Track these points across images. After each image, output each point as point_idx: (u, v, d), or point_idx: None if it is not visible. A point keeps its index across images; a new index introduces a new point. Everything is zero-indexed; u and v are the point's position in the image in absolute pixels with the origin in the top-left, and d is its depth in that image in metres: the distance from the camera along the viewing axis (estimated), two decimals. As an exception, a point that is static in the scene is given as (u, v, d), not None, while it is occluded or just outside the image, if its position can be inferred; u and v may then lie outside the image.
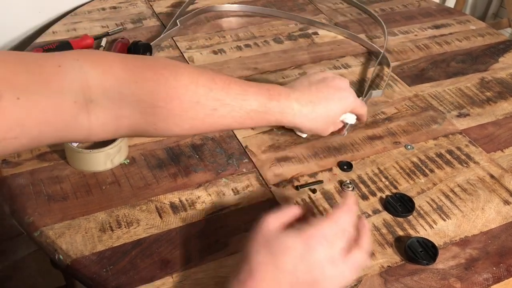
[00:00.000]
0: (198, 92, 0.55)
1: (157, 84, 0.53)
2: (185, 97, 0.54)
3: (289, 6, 1.19)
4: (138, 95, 0.52)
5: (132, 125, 0.54)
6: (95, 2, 1.16)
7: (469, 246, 0.63)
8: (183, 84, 0.55)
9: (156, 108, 0.53)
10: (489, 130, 0.83)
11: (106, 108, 0.51)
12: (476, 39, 1.10)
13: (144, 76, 0.53)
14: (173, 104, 0.54)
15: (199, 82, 0.56)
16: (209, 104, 0.56)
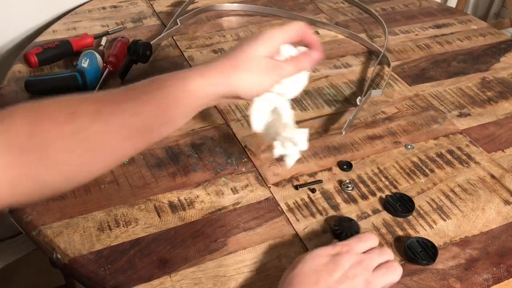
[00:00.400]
0: (71, 104, 0.48)
1: (26, 110, 0.47)
2: (58, 113, 0.47)
3: (290, 5, 1.19)
4: (11, 129, 0.45)
5: (16, 174, 0.44)
6: (95, 1, 1.16)
7: (469, 246, 0.63)
8: (53, 103, 0.48)
9: (33, 137, 0.45)
10: (490, 130, 0.83)
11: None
12: (478, 39, 1.10)
13: (14, 111, 0.46)
14: (46, 124, 0.46)
15: (72, 98, 0.49)
16: (89, 108, 0.48)
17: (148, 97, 0.50)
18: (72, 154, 0.47)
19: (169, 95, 0.50)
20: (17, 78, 0.88)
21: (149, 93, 0.50)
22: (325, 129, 0.81)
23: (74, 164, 0.47)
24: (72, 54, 0.93)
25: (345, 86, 0.92)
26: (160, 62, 0.95)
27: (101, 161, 0.50)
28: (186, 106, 0.52)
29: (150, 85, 0.51)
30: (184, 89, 0.51)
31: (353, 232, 0.62)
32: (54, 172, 0.47)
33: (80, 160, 0.47)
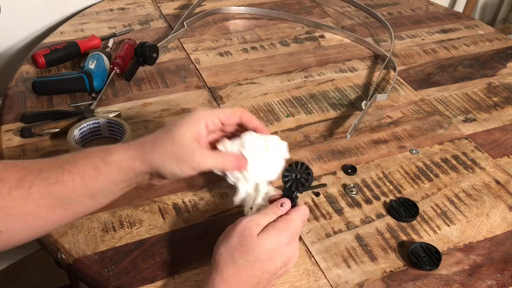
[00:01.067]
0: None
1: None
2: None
3: (296, 9, 1.19)
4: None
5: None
6: (103, 3, 1.16)
7: (473, 252, 0.63)
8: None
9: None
10: (496, 135, 0.82)
11: None
12: (484, 44, 1.10)
13: None
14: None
15: (0, 163, 0.49)
16: (13, 175, 0.47)
17: (71, 167, 0.49)
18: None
19: (91, 166, 0.50)
20: (25, 79, 0.89)
21: (73, 163, 0.50)
22: (330, 133, 0.81)
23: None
24: (79, 56, 0.94)
25: (350, 90, 0.92)
26: (167, 64, 0.95)
27: (20, 228, 0.48)
28: (108, 179, 0.51)
29: (76, 155, 0.51)
30: (106, 160, 0.50)
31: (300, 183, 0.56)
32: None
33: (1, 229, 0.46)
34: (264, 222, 0.52)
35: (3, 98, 0.85)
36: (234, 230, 0.51)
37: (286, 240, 0.51)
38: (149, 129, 0.79)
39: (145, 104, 0.84)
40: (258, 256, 0.49)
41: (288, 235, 0.51)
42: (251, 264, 0.49)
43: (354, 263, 0.60)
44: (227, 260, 0.50)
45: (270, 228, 0.51)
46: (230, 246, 0.50)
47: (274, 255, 0.50)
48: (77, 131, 0.73)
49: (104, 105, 0.83)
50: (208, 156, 0.53)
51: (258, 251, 0.49)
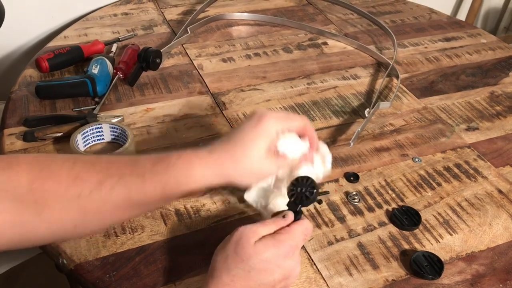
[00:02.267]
0: (75, 167, 0.49)
1: (29, 166, 0.48)
2: (61, 175, 0.48)
3: (299, 15, 1.20)
4: (13, 180, 0.46)
5: (16, 220, 0.46)
6: (107, 8, 1.17)
7: (475, 261, 0.62)
8: (58, 163, 0.49)
9: (33, 193, 0.46)
10: (498, 144, 0.82)
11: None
12: (487, 53, 1.10)
13: (17, 162, 0.48)
14: (48, 184, 0.47)
15: (77, 160, 0.50)
16: (92, 177, 0.49)
17: (153, 177, 0.50)
18: (67, 215, 0.48)
19: (172, 179, 0.51)
20: (28, 83, 0.89)
21: (155, 173, 0.51)
22: (332, 140, 0.81)
23: (67, 224, 0.49)
24: (82, 60, 0.94)
25: (353, 98, 0.92)
26: (170, 70, 0.96)
27: (94, 225, 0.51)
28: (185, 190, 0.53)
29: (157, 165, 0.51)
30: (187, 174, 0.52)
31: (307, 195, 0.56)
32: (46, 228, 0.48)
33: (73, 222, 0.49)
34: (262, 231, 0.51)
35: (6, 102, 0.85)
36: (231, 238, 0.50)
37: (285, 252, 0.50)
38: (152, 134, 0.79)
39: (148, 109, 0.84)
40: (254, 266, 0.48)
41: (288, 247, 0.50)
42: (246, 273, 0.48)
43: (356, 271, 0.60)
44: (222, 268, 0.49)
45: (269, 238, 0.50)
46: (226, 254, 0.49)
47: (271, 267, 0.49)
48: (80, 135, 0.73)
49: (107, 110, 0.83)
50: (278, 163, 0.56)
51: (253, 260, 0.48)
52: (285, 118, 0.57)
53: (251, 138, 0.55)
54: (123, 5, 1.19)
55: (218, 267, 0.49)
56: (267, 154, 0.55)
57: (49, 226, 0.48)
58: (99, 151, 0.75)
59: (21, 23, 1.16)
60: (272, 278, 0.49)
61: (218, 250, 0.51)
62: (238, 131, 0.56)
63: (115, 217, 0.53)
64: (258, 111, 0.57)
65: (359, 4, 1.28)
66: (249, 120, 0.56)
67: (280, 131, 0.56)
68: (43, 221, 0.47)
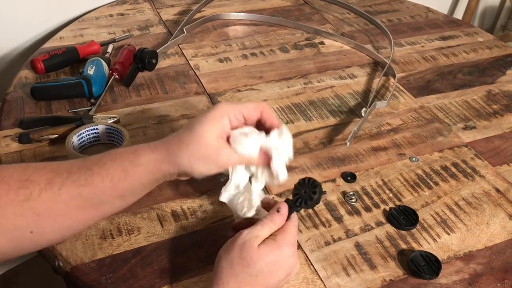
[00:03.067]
0: (26, 171, 0.49)
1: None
2: (11, 179, 0.47)
3: (296, 15, 1.20)
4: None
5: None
6: (103, 9, 1.16)
7: (473, 261, 0.62)
8: (9, 169, 0.49)
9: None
10: (495, 143, 0.82)
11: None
12: (484, 51, 1.10)
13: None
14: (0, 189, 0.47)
15: (29, 166, 0.50)
16: (42, 178, 0.48)
17: (100, 169, 0.50)
18: (21, 220, 0.47)
19: (119, 168, 0.50)
20: (24, 84, 0.88)
21: (102, 165, 0.50)
22: (329, 140, 0.80)
23: (22, 230, 0.48)
24: (78, 61, 0.94)
25: (350, 97, 0.91)
26: (166, 70, 0.95)
27: (50, 229, 0.49)
28: (136, 181, 0.51)
29: (104, 157, 0.51)
30: (134, 162, 0.51)
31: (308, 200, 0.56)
32: (3, 237, 0.47)
33: (29, 227, 0.48)
34: (263, 233, 0.51)
35: (1, 104, 0.84)
36: (234, 243, 0.50)
37: (289, 252, 0.51)
38: (148, 135, 0.78)
39: (144, 110, 0.84)
40: (260, 270, 0.49)
41: (290, 246, 0.51)
42: (253, 278, 0.49)
43: (354, 271, 0.60)
44: (228, 274, 0.49)
45: (271, 240, 0.51)
46: (231, 260, 0.49)
47: (276, 268, 0.50)
48: (76, 137, 0.73)
49: (103, 111, 0.83)
50: (234, 154, 0.54)
51: (260, 264, 0.49)
52: (239, 103, 0.56)
53: (200, 122, 0.53)
54: (119, 5, 1.18)
55: (223, 273, 0.49)
56: (219, 141, 0.53)
57: (6, 234, 0.47)
58: (95, 152, 0.74)
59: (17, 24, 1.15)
60: (277, 279, 0.50)
61: (222, 257, 0.51)
62: (191, 120, 0.55)
63: (71, 220, 0.51)
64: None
65: (355, 3, 1.28)
66: (203, 112, 0.55)
67: (234, 116, 0.54)
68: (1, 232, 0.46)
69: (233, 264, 0.49)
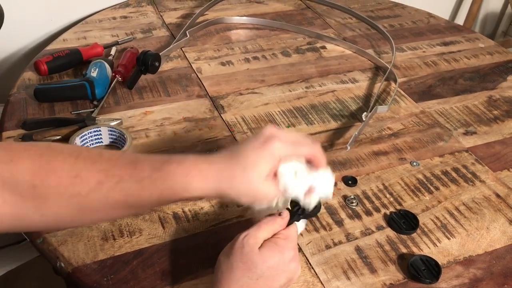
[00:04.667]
0: (77, 164, 0.49)
1: (32, 160, 0.48)
2: (62, 172, 0.48)
3: (298, 19, 1.20)
4: (14, 175, 0.47)
5: (15, 213, 0.47)
6: (106, 11, 1.17)
7: (473, 265, 0.63)
8: (60, 159, 0.49)
9: (34, 189, 0.47)
10: (496, 149, 0.83)
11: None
12: (485, 57, 1.10)
13: (19, 155, 0.48)
14: (49, 180, 0.47)
15: (80, 156, 0.50)
16: (92, 177, 0.48)
17: (151, 184, 0.50)
18: (65, 211, 0.49)
19: (170, 190, 0.50)
20: (27, 86, 0.89)
21: (153, 180, 0.50)
22: (330, 144, 0.81)
23: (65, 218, 0.50)
24: (81, 63, 0.94)
25: (351, 101, 0.92)
26: (168, 73, 0.96)
27: (89, 221, 0.55)
28: (181, 198, 0.52)
29: (156, 172, 0.50)
30: (184, 185, 0.50)
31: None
32: (44, 220, 0.49)
33: (71, 217, 0.50)
34: (261, 235, 0.51)
35: (4, 105, 0.85)
36: (233, 248, 0.50)
37: (290, 256, 0.51)
38: (150, 138, 0.79)
39: (146, 112, 0.85)
40: (261, 273, 0.49)
41: (291, 250, 0.51)
42: (254, 282, 0.49)
43: (354, 275, 0.60)
44: (228, 278, 0.49)
45: (271, 244, 0.51)
46: (231, 264, 0.49)
47: (278, 273, 0.50)
48: (79, 138, 0.73)
49: (105, 113, 0.83)
50: (270, 193, 0.53)
51: (260, 268, 0.49)
52: (294, 143, 0.53)
53: (253, 160, 0.51)
54: (122, 8, 1.19)
55: (224, 277, 0.49)
56: (268, 177, 0.52)
57: (46, 219, 0.49)
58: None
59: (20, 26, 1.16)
60: (279, 283, 0.50)
61: (222, 261, 0.51)
62: (242, 148, 0.53)
63: (109, 216, 0.56)
64: (267, 130, 0.53)
65: (357, 8, 1.28)
66: (255, 140, 0.53)
67: (285, 156, 0.53)
68: (41, 215, 0.48)
69: (233, 268, 0.49)
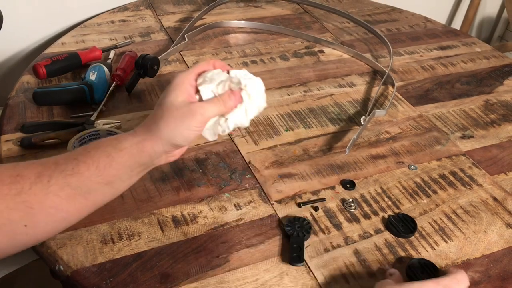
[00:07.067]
0: (18, 167, 0.50)
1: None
2: (3, 175, 0.49)
3: (296, 24, 1.21)
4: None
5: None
6: (105, 15, 1.17)
7: (470, 269, 0.63)
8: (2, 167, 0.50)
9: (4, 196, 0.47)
10: (493, 152, 0.83)
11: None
12: (481, 61, 1.11)
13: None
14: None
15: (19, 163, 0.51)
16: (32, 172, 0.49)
17: (85, 157, 0.51)
18: (14, 213, 0.48)
19: (103, 154, 0.52)
20: (25, 89, 0.89)
21: (86, 153, 0.52)
22: (328, 147, 0.81)
23: (16, 223, 0.48)
24: (80, 67, 0.94)
25: (349, 105, 0.92)
26: (167, 77, 0.96)
27: (43, 221, 0.50)
28: (122, 165, 0.52)
29: (88, 147, 0.53)
30: (117, 147, 0.52)
31: (304, 233, 0.64)
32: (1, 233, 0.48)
33: (23, 219, 0.48)
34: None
35: (3, 108, 0.85)
36: None
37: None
38: (149, 141, 0.79)
39: (145, 116, 0.85)
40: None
41: None
42: None
43: (353, 278, 0.60)
44: None
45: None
46: None
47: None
48: (77, 142, 0.73)
49: (104, 116, 0.84)
50: (206, 105, 0.56)
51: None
52: (191, 68, 0.59)
53: (165, 95, 0.56)
54: (120, 12, 1.19)
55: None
56: (189, 102, 0.55)
57: (1, 229, 0.48)
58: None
59: (19, 29, 1.16)
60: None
61: None
62: (158, 100, 0.57)
63: (62, 211, 0.51)
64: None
65: (355, 12, 1.29)
66: (165, 88, 0.58)
67: (192, 79, 0.57)
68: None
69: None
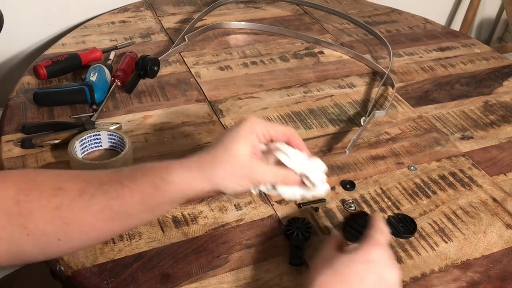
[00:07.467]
0: (60, 177, 0.50)
1: (17, 178, 0.49)
2: (44, 186, 0.48)
3: (296, 25, 1.21)
4: (0, 194, 0.47)
5: (1, 235, 0.46)
6: (105, 16, 1.18)
7: (470, 269, 0.63)
8: (43, 175, 0.50)
9: (18, 204, 0.47)
10: (492, 153, 0.83)
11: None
12: (481, 63, 1.11)
13: (5, 175, 0.49)
14: (32, 194, 0.47)
15: (63, 172, 0.51)
16: (74, 187, 0.48)
17: (131, 183, 0.50)
18: (51, 226, 0.47)
19: (151, 184, 0.50)
20: (26, 90, 0.89)
21: (132, 179, 0.50)
22: (328, 148, 0.81)
23: (50, 236, 0.48)
24: (80, 68, 0.95)
25: (349, 106, 0.93)
26: (167, 78, 0.96)
27: (77, 238, 0.50)
28: (166, 197, 0.51)
29: (134, 171, 0.51)
30: (165, 179, 0.51)
31: (304, 233, 0.64)
32: (31, 242, 0.48)
33: (57, 233, 0.48)
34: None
35: (4, 109, 0.85)
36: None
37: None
38: (149, 142, 0.79)
39: (145, 116, 0.85)
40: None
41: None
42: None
43: (353, 278, 0.60)
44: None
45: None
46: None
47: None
48: (78, 142, 0.74)
49: (104, 117, 0.84)
50: (268, 173, 0.54)
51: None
52: (268, 121, 0.56)
53: (232, 139, 0.53)
54: (120, 13, 1.19)
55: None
56: (252, 158, 0.53)
57: (34, 239, 0.47)
58: (97, 158, 0.75)
59: (19, 30, 1.16)
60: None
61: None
62: (221, 135, 0.54)
63: (98, 230, 0.50)
64: (244, 116, 0.55)
65: (355, 14, 1.29)
66: (232, 126, 0.55)
67: (261, 134, 0.54)
68: (28, 234, 0.47)
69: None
